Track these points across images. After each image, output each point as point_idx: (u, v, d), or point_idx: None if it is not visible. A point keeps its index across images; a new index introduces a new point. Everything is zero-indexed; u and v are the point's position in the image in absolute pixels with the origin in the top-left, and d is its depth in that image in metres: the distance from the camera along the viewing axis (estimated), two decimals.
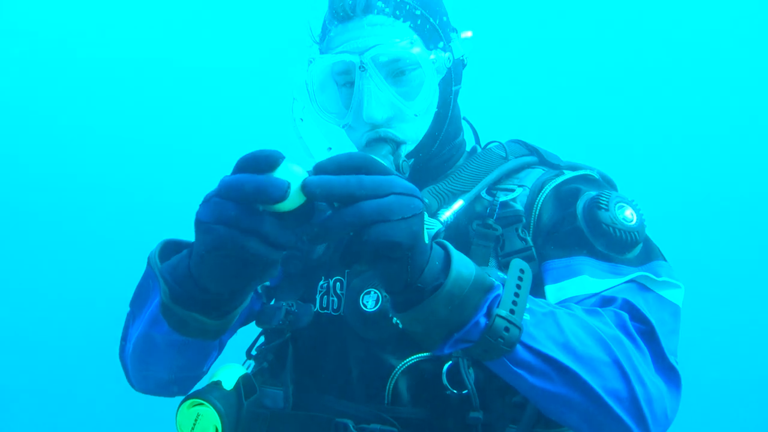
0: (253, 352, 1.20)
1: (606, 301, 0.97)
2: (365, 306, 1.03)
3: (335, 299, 1.14)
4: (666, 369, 0.92)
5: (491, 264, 1.07)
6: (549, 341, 0.83)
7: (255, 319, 1.17)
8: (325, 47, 1.13)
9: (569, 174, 1.16)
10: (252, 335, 1.23)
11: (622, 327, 0.91)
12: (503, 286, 0.81)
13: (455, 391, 0.99)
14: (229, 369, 1.05)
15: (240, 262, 0.77)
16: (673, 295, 1.01)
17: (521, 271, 0.84)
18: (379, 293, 1.03)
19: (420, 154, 1.14)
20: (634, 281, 1.00)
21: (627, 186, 1.30)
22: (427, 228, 1.02)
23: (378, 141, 1.07)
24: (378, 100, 1.06)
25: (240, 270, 0.80)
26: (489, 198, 1.13)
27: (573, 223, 1.05)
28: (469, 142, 1.31)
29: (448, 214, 1.07)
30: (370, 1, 1.06)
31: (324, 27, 1.14)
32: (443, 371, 1.00)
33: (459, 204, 1.09)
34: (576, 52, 9.14)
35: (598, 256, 1.02)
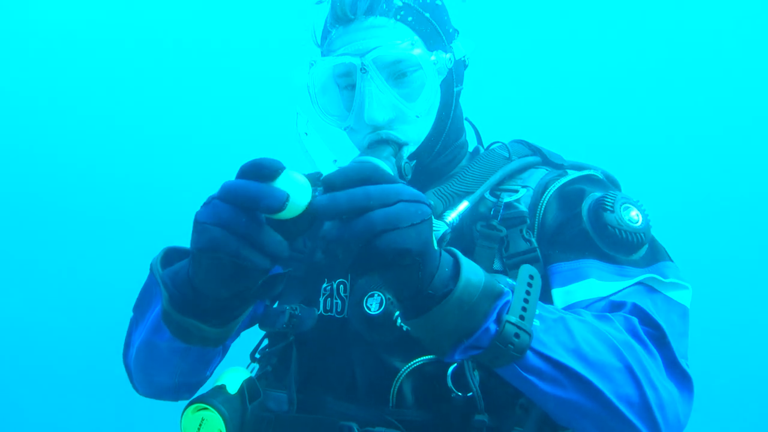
0: (257, 355, 1.20)
1: (615, 306, 0.97)
2: (369, 309, 1.02)
3: (339, 302, 1.14)
4: (678, 374, 0.92)
5: (496, 265, 1.06)
6: (559, 347, 0.83)
7: (258, 322, 1.17)
8: (326, 50, 1.13)
9: (573, 174, 1.15)
10: (256, 338, 1.23)
11: (632, 332, 0.91)
12: (513, 292, 0.81)
13: (460, 394, 0.99)
14: (233, 373, 1.05)
15: (233, 267, 0.78)
16: (681, 297, 1.01)
17: (530, 278, 0.84)
18: (383, 296, 1.02)
19: (422, 155, 1.13)
20: (641, 283, 0.99)
21: (630, 185, 1.29)
22: (434, 230, 1.02)
23: (380, 143, 1.06)
24: (379, 101, 1.05)
25: (234, 276, 0.80)
26: (493, 199, 1.13)
27: (578, 226, 1.04)
28: (471, 142, 1.30)
29: (453, 215, 1.07)
30: (371, 3, 1.06)
31: (325, 29, 1.14)
32: (448, 374, 1.00)
33: (464, 205, 1.09)
34: (577, 51, 9.13)
35: (604, 258, 1.01)
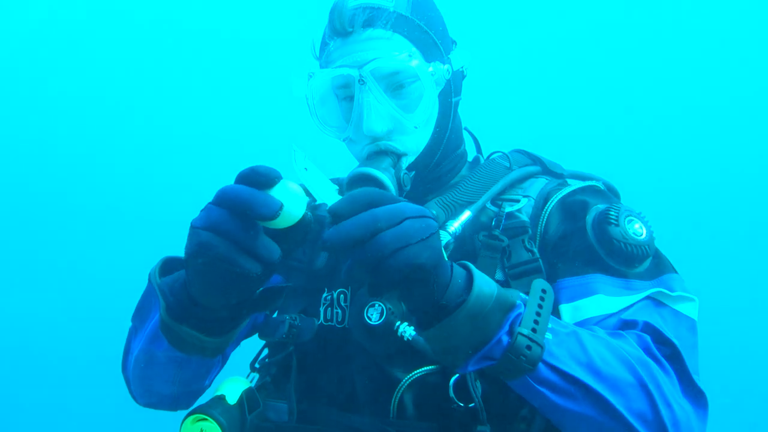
0: (257, 365, 1.19)
1: (626, 325, 0.97)
2: (370, 319, 1.02)
3: (339, 311, 1.13)
4: (692, 391, 0.92)
5: (497, 275, 1.06)
6: (572, 361, 0.83)
7: (258, 332, 1.17)
8: (325, 61, 1.13)
9: (575, 185, 1.15)
10: (256, 347, 1.23)
11: (646, 350, 0.91)
12: (525, 305, 0.82)
13: (462, 405, 0.98)
14: (233, 383, 1.05)
15: (227, 274, 0.78)
16: (689, 309, 1.01)
17: (543, 291, 0.85)
18: (384, 306, 1.02)
19: (421, 165, 1.14)
20: (649, 298, 0.99)
21: (629, 193, 1.30)
22: None
23: (379, 154, 1.07)
24: (378, 113, 1.06)
25: (228, 283, 0.81)
26: (494, 208, 1.13)
27: (583, 240, 1.05)
28: (471, 152, 1.31)
29: (456, 225, 1.07)
30: (369, 16, 1.06)
31: (323, 41, 1.14)
32: (450, 384, 0.99)
33: (466, 215, 1.09)
34: (574, 62, 9.16)
35: (610, 272, 1.02)
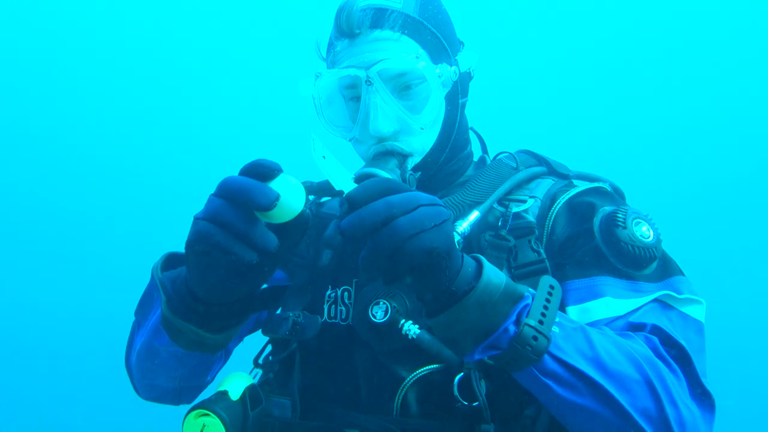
0: (260, 361, 1.20)
1: (635, 328, 0.97)
2: (374, 317, 1.02)
3: (343, 309, 1.14)
4: (700, 394, 0.92)
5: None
6: (578, 355, 0.84)
7: (261, 328, 1.18)
8: (332, 62, 1.13)
9: (582, 186, 1.16)
10: (259, 343, 1.23)
11: (654, 351, 0.91)
12: (533, 298, 0.83)
13: (466, 403, 0.98)
14: (236, 379, 1.06)
15: (223, 263, 0.80)
16: (696, 312, 1.01)
17: (551, 287, 0.86)
18: (388, 304, 1.02)
19: (427, 166, 1.14)
20: (657, 300, 1.00)
21: (635, 195, 1.30)
22: None
23: (385, 154, 1.07)
24: (384, 113, 1.06)
25: (227, 276, 0.82)
26: (501, 209, 1.13)
27: (591, 242, 1.05)
28: (476, 152, 1.31)
29: (464, 225, 1.07)
30: (376, 17, 1.06)
31: (330, 42, 1.14)
32: (454, 383, 0.99)
33: (475, 215, 1.09)
34: (581, 63, 9.14)
35: (618, 274, 1.02)
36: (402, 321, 1.00)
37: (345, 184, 0.85)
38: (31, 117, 9.02)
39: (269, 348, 1.21)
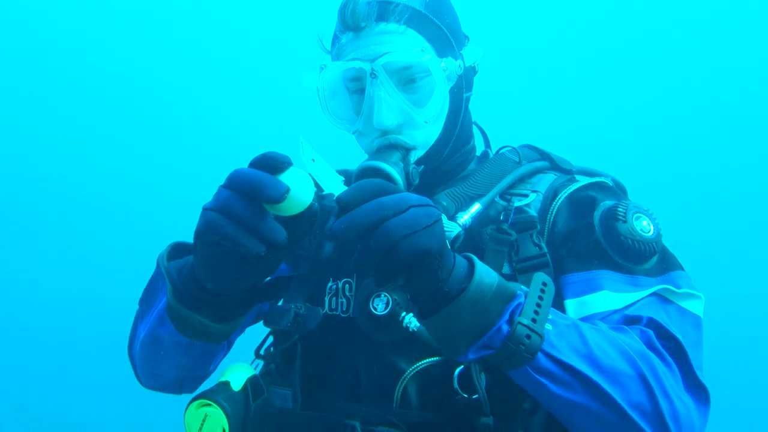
0: (262, 351, 1.21)
1: (631, 321, 0.97)
2: (375, 309, 1.02)
3: (344, 301, 1.14)
4: (694, 386, 0.92)
5: (505, 269, 1.07)
6: (571, 352, 0.84)
7: (263, 320, 1.18)
8: (336, 54, 1.13)
9: (583, 181, 1.16)
10: (260, 333, 1.24)
11: (649, 344, 0.91)
12: (525, 296, 0.84)
13: (466, 396, 0.99)
14: (238, 369, 1.06)
15: (233, 256, 0.80)
16: (694, 306, 1.02)
17: (544, 284, 0.86)
18: (390, 297, 1.02)
19: (430, 160, 1.14)
20: (655, 294, 1.00)
21: (636, 190, 1.30)
22: (447, 231, 1.03)
23: (388, 147, 1.07)
24: (389, 106, 1.06)
25: (234, 267, 0.83)
26: (503, 203, 1.13)
27: (591, 236, 1.05)
28: (479, 146, 1.31)
29: (466, 217, 1.07)
30: (382, 10, 1.06)
31: (335, 35, 1.14)
32: (454, 376, 1.00)
33: (476, 208, 1.10)
34: (584, 59, 9.09)
35: (617, 268, 1.02)
36: (403, 314, 1.00)
37: (334, 186, 0.86)
38: (31, 115, 9.05)
39: (270, 339, 1.22)
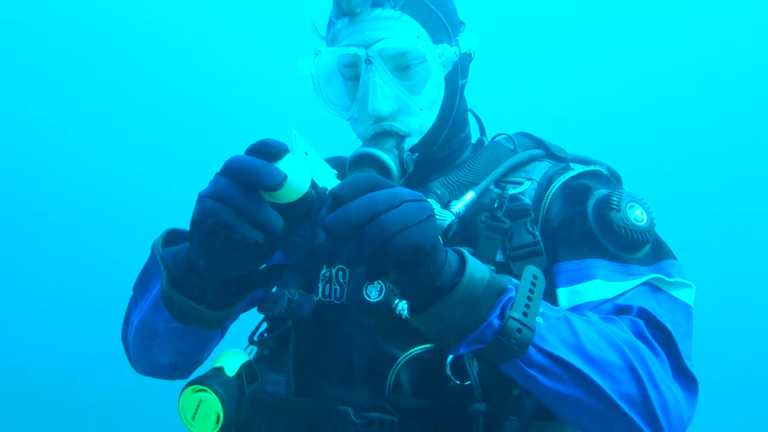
0: (255, 338, 1.21)
1: (622, 310, 0.98)
2: (369, 296, 1.02)
3: (338, 288, 1.14)
4: (683, 375, 0.93)
5: (498, 257, 1.07)
6: (561, 344, 0.84)
7: (257, 306, 1.18)
8: (331, 40, 1.12)
9: (578, 169, 1.16)
10: (254, 319, 1.24)
11: (638, 334, 0.92)
12: (516, 290, 0.84)
13: (458, 382, 1.00)
14: (232, 355, 1.06)
15: (229, 243, 0.80)
16: (685, 295, 1.02)
17: (534, 277, 0.86)
18: (383, 283, 1.02)
19: (425, 147, 1.13)
20: (647, 283, 1.00)
21: (631, 179, 1.30)
22: (440, 219, 1.03)
23: (383, 134, 1.07)
24: (383, 93, 1.05)
25: (230, 254, 0.82)
26: (497, 190, 1.13)
27: (584, 224, 1.05)
28: (474, 134, 1.30)
29: (459, 205, 1.08)
30: None
31: (330, 20, 1.13)
32: (447, 362, 1.00)
33: (470, 196, 1.10)
34: (577, 45, 9.07)
35: (609, 257, 1.02)
36: (396, 301, 1.00)
37: (327, 180, 0.85)
38: (32, 113, 9.01)
39: (264, 325, 1.22)
